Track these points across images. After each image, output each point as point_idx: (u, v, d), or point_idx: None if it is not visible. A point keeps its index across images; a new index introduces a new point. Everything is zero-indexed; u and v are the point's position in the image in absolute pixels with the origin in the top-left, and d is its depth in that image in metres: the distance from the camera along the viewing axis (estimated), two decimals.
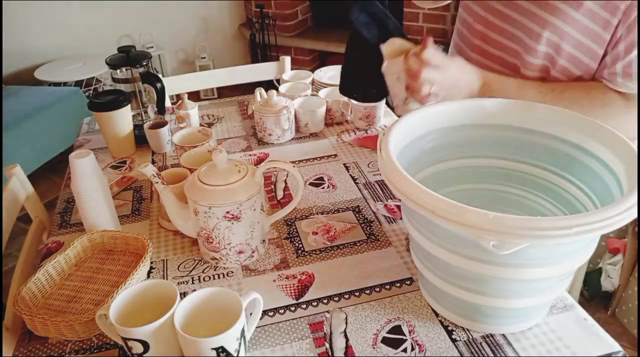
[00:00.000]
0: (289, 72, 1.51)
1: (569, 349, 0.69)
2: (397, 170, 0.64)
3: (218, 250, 0.83)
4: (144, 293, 0.70)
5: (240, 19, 3.62)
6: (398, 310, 0.76)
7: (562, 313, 0.74)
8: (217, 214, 0.78)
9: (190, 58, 3.58)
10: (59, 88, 2.83)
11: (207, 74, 1.69)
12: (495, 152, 0.83)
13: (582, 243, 0.61)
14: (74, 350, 0.73)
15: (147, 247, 0.83)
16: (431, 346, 0.70)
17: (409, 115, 0.77)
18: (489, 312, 0.69)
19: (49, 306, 0.79)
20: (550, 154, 0.78)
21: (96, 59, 3.07)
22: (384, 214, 0.98)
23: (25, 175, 1.14)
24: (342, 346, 0.71)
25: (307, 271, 0.84)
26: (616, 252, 1.71)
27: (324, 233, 0.93)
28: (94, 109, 1.14)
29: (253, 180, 0.81)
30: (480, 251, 0.59)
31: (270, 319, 0.76)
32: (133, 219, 1.00)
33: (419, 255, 0.73)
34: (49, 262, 0.83)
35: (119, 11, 3.25)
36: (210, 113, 1.43)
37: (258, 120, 1.23)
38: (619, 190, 0.65)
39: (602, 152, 0.70)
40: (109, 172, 1.16)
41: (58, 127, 2.63)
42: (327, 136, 1.27)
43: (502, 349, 0.69)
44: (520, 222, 0.54)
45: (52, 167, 2.70)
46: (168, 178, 0.93)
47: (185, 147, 1.06)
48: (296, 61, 3.29)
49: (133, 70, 1.19)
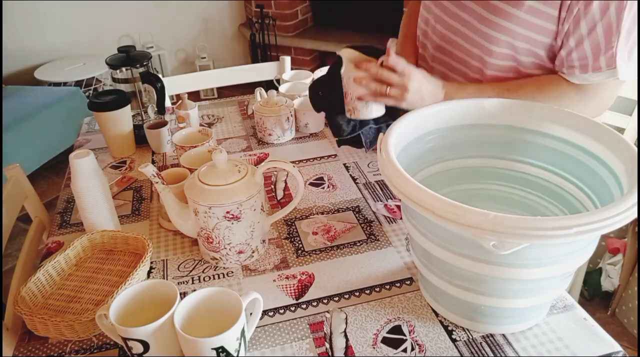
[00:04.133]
0: (289, 72, 1.51)
1: (569, 349, 0.69)
2: (397, 170, 0.64)
3: (218, 250, 0.83)
4: (144, 293, 0.70)
5: (240, 19, 3.62)
6: (398, 310, 0.76)
7: (562, 313, 0.74)
8: (217, 214, 0.78)
9: (190, 58, 3.58)
10: (59, 88, 2.83)
11: (207, 74, 1.69)
12: (496, 152, 0.83)
13: (582, 243, 0.61)
14: (74, 350, 0.73)
15: (147, 247, 0.83)
16: (431, 346, 0.70)
17: (409, 115, 0.77)
18: (489, 312, 0.69)
19: (49, 306, 0.79)
20: (550, 154, 0.78)
21: (96, 59, 3.07)
22: (384, 214, 0.98)
23: (25, 175, 1.14)
24: (342, 346, 0.71)
25: (307, 271, 0.84)
26: (616, 252, 1.71)
27: (324, 233, 0.93)
28: (94, 109, 1.14)
29: (253, 180, 0.81)
30: (480, 251, 0.59)
31: (270, 319, 0.76)
32: (133, 219, 1.00)
33: (419, 255, 0.73)
34: (49, 262, 0.83)
35: (119, 11, 3.25)
36: (210, 113, 1.43)
37: (258, 120, 1.23)
38: (619, 190, 0.65)
39: (602, 152, 0.70)
40: (109, 172, 1.16)
41: (58, 127, 2.63)
42: (327, 136, 1.27)
43: (502, 349, 0.69)
44: (520, 222, 0.54)
45: (52, 167, 2.70)
46: (168, 178, 0.93)
47: (185, 147, 1.06)
48: (296, 61, 3.29)
49: (133, 70, 1.19)
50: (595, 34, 0.84)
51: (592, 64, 0.86)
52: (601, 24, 0.82)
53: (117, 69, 1.19)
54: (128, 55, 1.19)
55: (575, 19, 0.84)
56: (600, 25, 0.83)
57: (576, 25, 0.84)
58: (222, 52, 3.64)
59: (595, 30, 0.83)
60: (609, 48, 0.84)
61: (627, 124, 1.55)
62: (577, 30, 0.85)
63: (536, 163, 0.80)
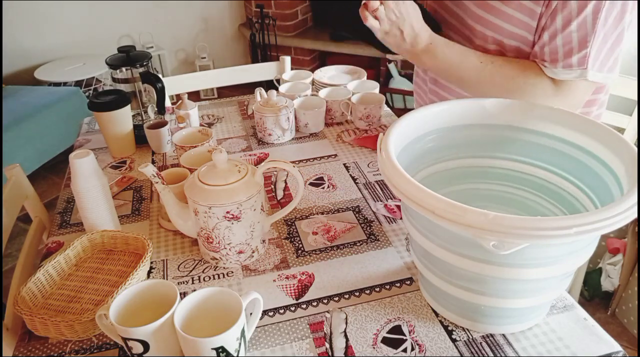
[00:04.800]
0: (289, 72, 1.51)
1: (569, 349, 0.69)
2: (397, 170, 0.64)
3: (218, 250, 0.83)
4: (144, 293, 0.70)
5: (240, 19, 3.62)
6: (398, 310, 0.76)
7: (562, 313, 0.74)
8: (217, 214, 0.78)
9: (190, 58, 3.58)
10: (59, 88, 2.83)
11: (207, 74, 1.69)
12: (496, 152, 0.83)
13: (582, 243, 0.61)
14: (74, 350, 0.73)
15: (147, 247, 0.83)
16: (431, 346, 0.70)
17: (409, 115, 0.77)
18: (489, 312, 0.69)
19: (49, 306, 0.79)
20: (550, 154, 0.78)
21: (96, 59, 3.07)
22: (384, 214, 0.98)
23: (25, 175, 1.14)
24: (342, 346, 0.71)
25: (307, 271, 0.84)
26: (616, 252, 1.71)
27: (324, 233, 0.93)
28: (94, 109, 1.14)
29: (253, 180, 0.81)
30: (480, 251, 0.59)
31: (270, 319, 0.76)
32: (133, 219, 1.00)
33: (419, 255, 0.73)
34: (49, 262, 0.83)
35: (119, 11, 3.25)
36: (210, 113, 1.43)
37: (258, 120, 1.23)
38: (619, 190, 0.65)
39: (602, 152, 0.70)
40: (109, 172, 1.16)
41: (58, 127, 2.63)
42: (327, 136, 1.27)
43: (502, 349, 0.69)
44: (520, 222, 0.54)
45: (52, 167, 2.70)
46: (168, 178, 0.93)
47: (185, 147, 1.06)
48: (296, 61, 3.29)
49: (133, 70, 1.19)
50: (569, 30, 0.84)
51: (564, 61, 0.87)
52: (577, 20, 0.83)
53: (117, 69, 1.19)
54: (128, 55, 1.19)
55: (552, 14, 0.85)
56: (575, 22, 0.83)
57: (552, 20, 0.85)
58: (222, 52, 3.64)
59: (570, 26, 0.84)
60: (583, 47, 0.84)
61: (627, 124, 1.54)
62: (553, 24, 0.86)
63: (536, 163, 0.80)
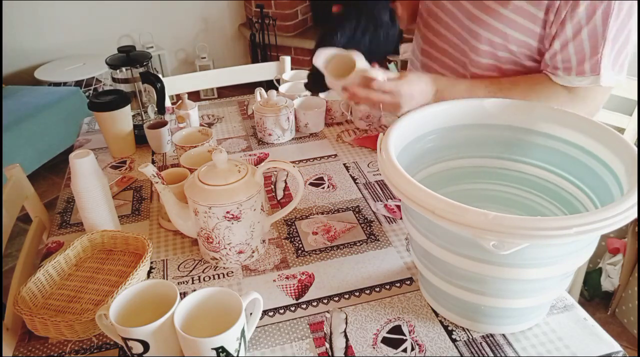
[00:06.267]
0: (289, 72, 1.51)
1: (569, 349, 0.69)
2: (397, 170, 0.64)
3: (218, 250, 0.83)
4: (144, 293, 0.70)
5: (240, 19, 3.62)
6: (398, 310, 0.76)
7: (562, 313, 0.74)
8: (217, 214, 0.78)
9: (190, 58, 3.58)
10: (59, 88, 2.83)
11: (207, 74, 1.69)
12: (496, 152, 0.83)
13: (582, 243, 0.61)
14: (74, 350, 0.73)
15: (147, 247, 0.83)
16: (431, 346, 0.70)
17: (409, 115, 0.77)
18: (489, 312, 0.69)
19: (49, 306, 0.79)
20: (550, 154, 0.78)
21: (96, 59, 3.07)
22: (384, 214, 0.98)
23: (25, 175, 1.14)
24: (342, 346, 0.71)
25: (307, 271, 0.84)
26: (616, 252, 1.71)
27: (324, 233, 0.93)
28: (94, 109, 1.14)
29: (253, 180, 0.81)
30: (480, 251, 0.59)
31: (270, 319, 0.76)
32: (133, 219, 1.00)
33: (419, 255, 0.73)
34: (49, 262, 0.82)
35: (118, 11, 3.25)
36: (210, 113, 1.43)
37: (258, 120, 1.23)
38: (619, 190, 0.65)
39: (602, 152, 0.70)
40: (109, 172, 1.16)
41: (58, 127, 2.63)
42: (327, 136, 1.27)
43: (502, 349, 0.69)
44: (520, 222, 0.54)
45: (52, 167, 2.70)
46: (168, 178, 0.93)
47: (185, 147, 1.06)
48: (296, 61, 3.29)
49: (133, 70, 1.19)
50: (580, 38, 0.85)
51: (576, 68, 0.87)
52: (587, 28, 0.83)
53: (117, 69, 1.19)
54: (128, 55, 1.19)
55: (561, 22, 0.85)
56: (585, 30, 0.84)
57: (562, 28, 0.85)
58: (222, 52, 3.64)
59: (580, 35, 0.84)
60: (595, 54, 0.85)
61: (627, 124, 1.55)
62: (563, 33, 0.86)
63: (536, 163, 0.80)
